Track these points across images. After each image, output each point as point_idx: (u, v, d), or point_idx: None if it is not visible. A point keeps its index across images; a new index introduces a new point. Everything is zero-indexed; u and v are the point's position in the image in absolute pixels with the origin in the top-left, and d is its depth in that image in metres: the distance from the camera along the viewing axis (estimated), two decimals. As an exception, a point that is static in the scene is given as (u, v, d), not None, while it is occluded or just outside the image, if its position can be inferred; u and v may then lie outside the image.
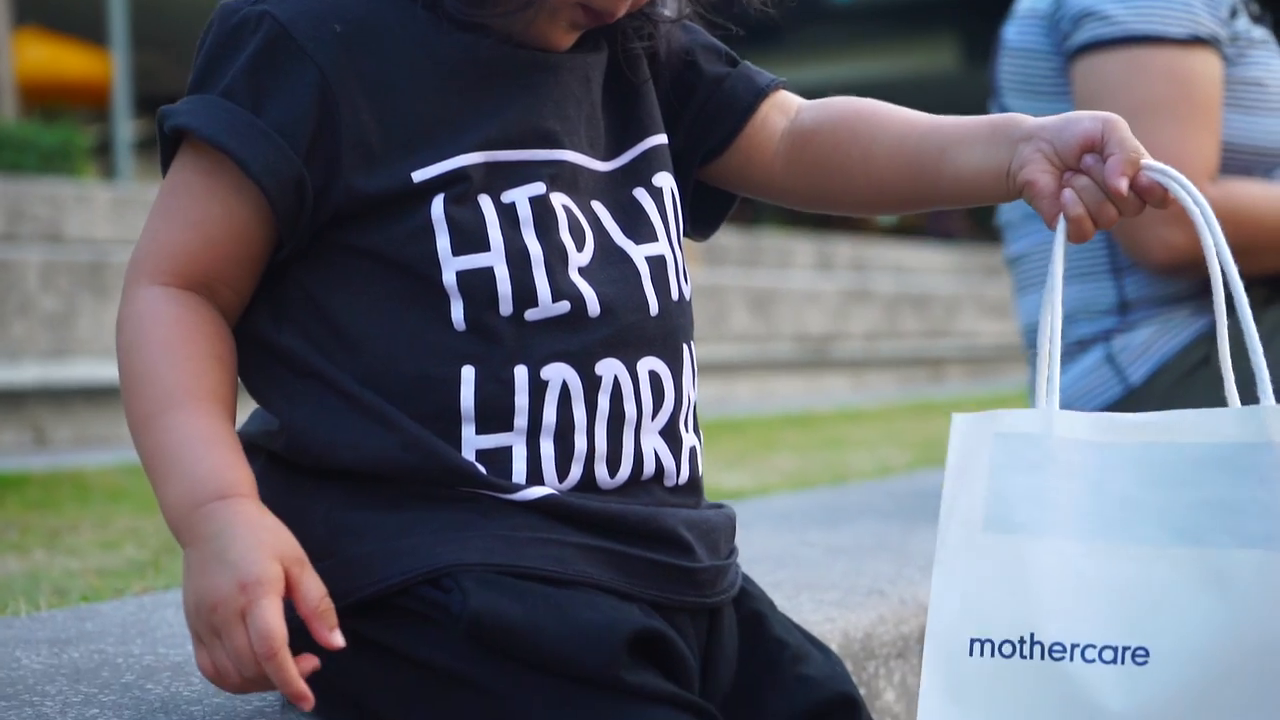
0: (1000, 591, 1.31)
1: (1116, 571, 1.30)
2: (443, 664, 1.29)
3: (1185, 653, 1.27)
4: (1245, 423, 1.30)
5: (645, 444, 1.36)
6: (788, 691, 1.41)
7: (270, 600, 1.20)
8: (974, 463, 1.33)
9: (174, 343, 1.31)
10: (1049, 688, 1.28)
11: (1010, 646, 1.30)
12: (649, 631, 1.30)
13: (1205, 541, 1.28)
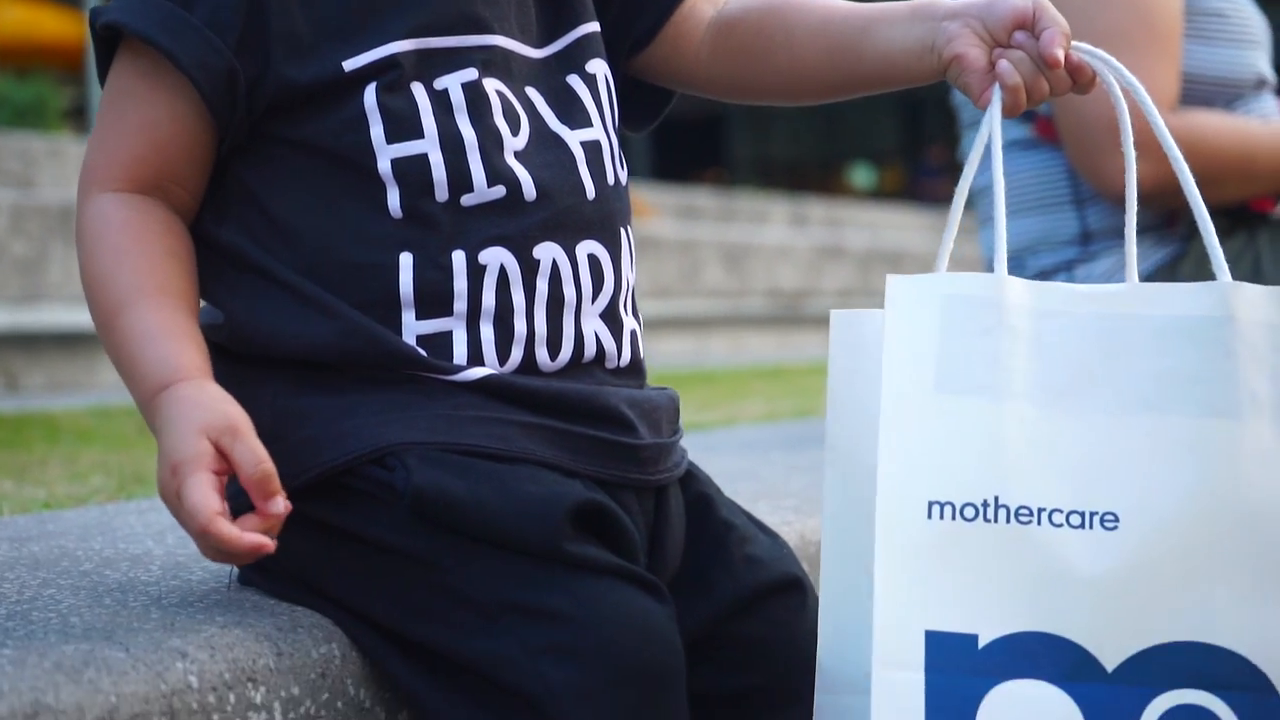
0: (959, 454, 1.29)
1: (1079, 437, 1.30)
2: (388, 541, 1.31)
3: (1154, 518, 1.28)
4: (1202, 298, 1.31)
5: (586, 327, 1.38)
6: (735, 572, 1.44)
7: (195, 478, 1.22)
8: (921, 323, 1.30)
9: (125, 245, 1.34)
10: (1015, 552, 1.28)
11: (973, 510, 1.28)
12: (591, 504, 1.32)
13: (1170, 410, 1.29)
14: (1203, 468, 1.29)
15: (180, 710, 1.18)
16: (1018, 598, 1.27)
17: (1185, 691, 1.27)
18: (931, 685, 1.26)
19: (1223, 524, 1.28)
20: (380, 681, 1.33)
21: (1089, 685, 1.27)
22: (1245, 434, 1.29)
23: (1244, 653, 1.27)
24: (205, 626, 1.26)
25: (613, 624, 1.27)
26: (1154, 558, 1.28)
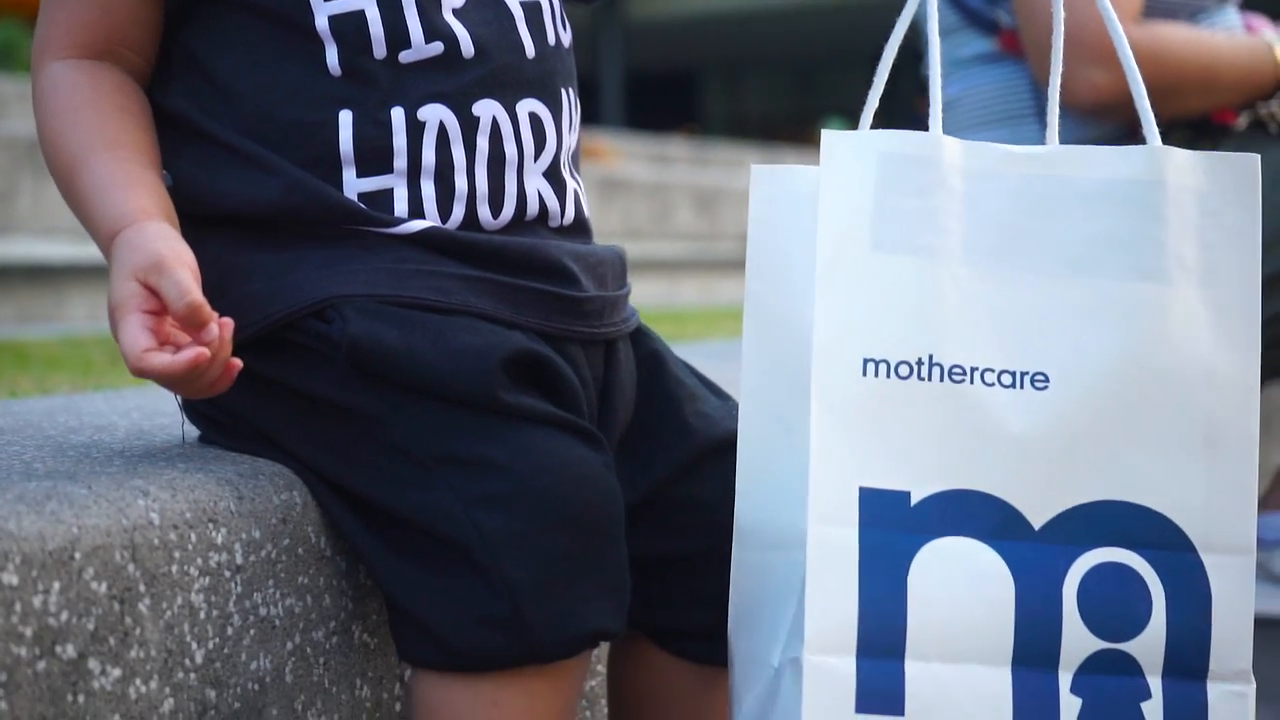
0: (894, 312, 1.30)
1: (1012, 297, 1.32)
2: (328, 395, 1.32)
3: (1082, 379, 1.30)
4: (1133, 161, 1.33)
5: (528, 185, 1.39)
6: (687, 427, 1.46)
7: (127, 320, 1.24)
8: (856, 181, 1.31)
9: (77, 104, 1.35)
10: (947, 410, 1.29)
11: (907, 368, 1.30)
12: (529, 354, 1.33)
13: (1100, 272, 1.32)
14: (1130, 331, 1.31)
15: (142, 545, 1.20)
16: (950, 456, 1.29)
17: (1108, 549, 1.30)
18: (865, 541, 1.27)
19: (1148, 386, 1.31)
20: (342, 533, 1.35)
21: (1016, 543, 1.29)
22: (1172, 298, 1.32)
23: (1164, 511, 1.30)
24: (167, 471, 1.28)
25: (547, 472, 1.29)
26: (1081, 418, 1.30)
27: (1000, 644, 1.28)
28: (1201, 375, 1.30)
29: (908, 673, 1.26)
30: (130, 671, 1.19)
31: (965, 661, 1.27)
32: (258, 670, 1.28)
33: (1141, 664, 1.28)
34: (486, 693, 1.29)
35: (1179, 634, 1.28)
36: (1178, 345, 1.31)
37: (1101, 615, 1.29)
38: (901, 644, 1.27)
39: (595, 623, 1.30)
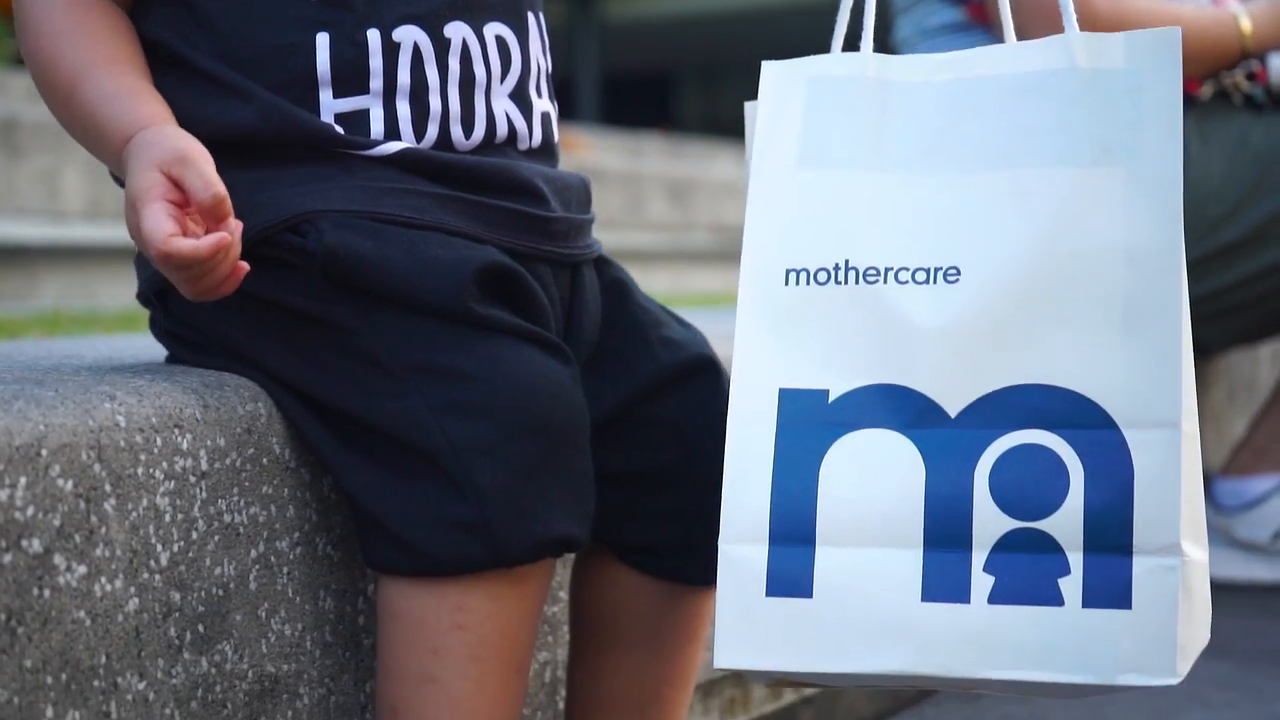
0: (816, 224, 1.35)
1: (928, 198, 1.35)
2: (301, 306, 1.34)
3: (992, 269, 1.33)
4: (1052, 50, 1.35)
5: (496, 106, 1.42)
6: (652, 352, 1.48)
7: (150, 208, 1.25)
8: (787, 106, 1.37)
9: (70, 26, 1.37)
10: (862, 309, 1.33)
11: (825, 274, 1.34)
12: (500, 268, 1.35)
13: (1012, 164, 1.34)
14: (1044, 216, 1.32)
15: (108, 447, 1.21)
16: (867, 354, 1.33)
17: (1024, 432, 1.31)
18: (781, 437, 1.32)
19: (1063, 270, 1.31)
20: (307, 445, 1.36)
21: (931, 430, 1.32)
22: (1088, 180, 1.33)
23: (1083, 391, 1.30)
24: (133, 380, 1.29)
25: (515, 382, 1.31)
26: (995, 307, 1.32)
27: (911, 527, 1.30)
28: (1120, 255, 1.30)
29: (817, 558, 1.31)
30: (96, 569, 1.20)
31: (875, 545, 1.31)
32: (222, 576, 1.29)
33: (1059, 541, 1.29)
34: (452, 598, 1.31)
35: (1099, 510, 1.28)
36: (1095, 227, 1.32)
37: (1014, 495, 1.30)
38: (812, 531, 1.31)
39: (560, 529, 1.32)
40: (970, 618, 1.29)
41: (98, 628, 1.20)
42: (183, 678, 1.26)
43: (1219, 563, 2.90)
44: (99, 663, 1.20)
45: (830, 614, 1.31)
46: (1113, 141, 1.32)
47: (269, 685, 1.33)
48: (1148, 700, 2.23)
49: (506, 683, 1.34)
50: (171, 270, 1.26)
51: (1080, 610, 1.28)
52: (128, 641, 1.22)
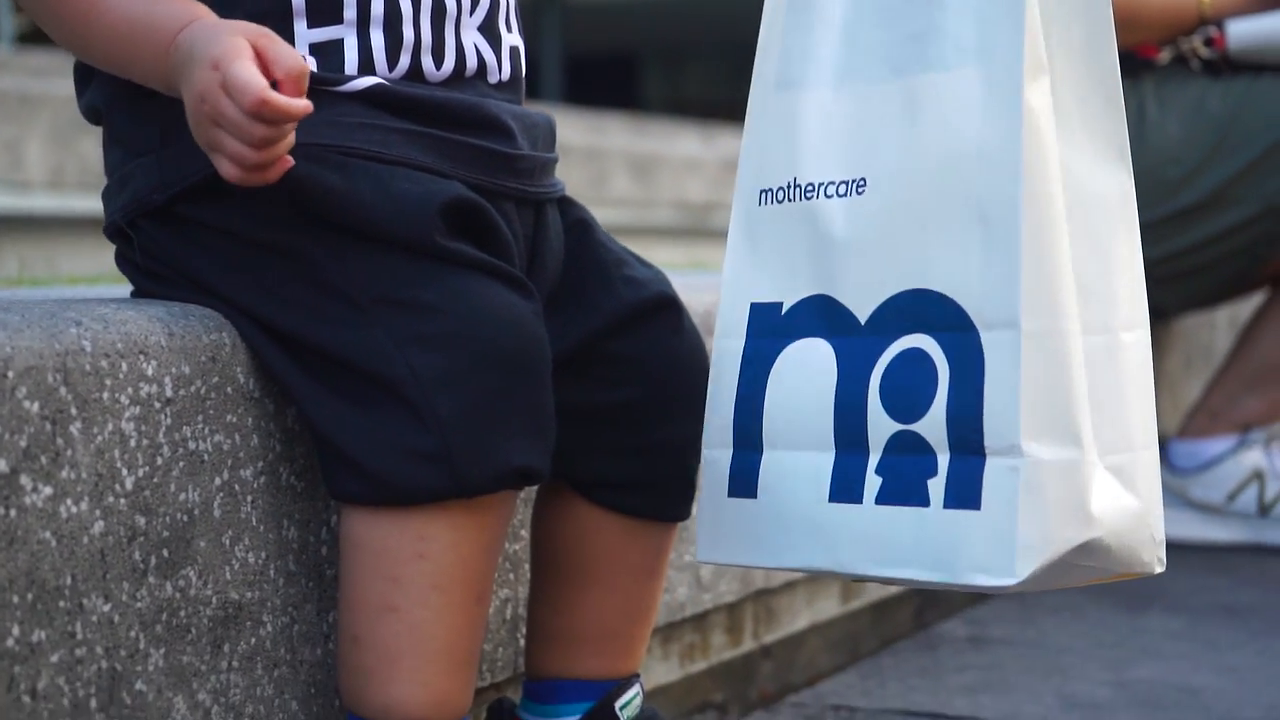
0: (779, 144, 1.44)
1: (851, 111, 1.41)
2: (266, 238, 1.36)
3: (888, 178, 1.38)
4: None
5: (465, 39, 1.43)
6: (614, 290, 1.49)
7: (239, 63, 1.26)
8: (774, 29, 1.45)
9: None
10: (802, 225, 1.42)
11: (782, 193, 1.44)
12: (466, 202, 1.37)
13: (904, 72, 1.38)
14: (926, 122, 1.37)
15: (74, 370, 1.23)
16: (806, 267, 1.42)
17: (910, 337, 1.36)
18: (747, 348, 1.45)
19: (934, 176, 1.36)
20: (271, 376, 1.38)
21: (846, 338, 1.39)
22: (951, 83, 1.36)
23: (950, 294, 1.34)
24: (99, 308, 1.30)
25: (478, 315, 1.32)
26: (888, 215, 1.38)
27: (825, 431, 1.39)
28: (974, 157, 1.33)
29: (762, 461, 1.43)
30: (61, 491, 1.21)
31: (799, 448, 1.41)
32: (186, 502, 1.31)
33: (930, 443, 1.33)
34: (413, 527, 1.32)
35: (958, 412, 1.32)
36: (956, 130, 1.35)
37: (898, 399, 1.35)
38: (759, 436, 1.43)
39: (522, 460, 1.33)
40: (862, 518, 1.37)
41: (63, 549, 1.21)
42: (147, 601, 1.27)
43: (1174, 523, 2.93)
44: (64, 583, 1.21)
45: (767, 513, 1.42)
46: (970, 41, 1.35)
47: (233, 612, 1.34)
48: (1101, 652, 2.26)
49: (467, 612, 1.35)
50: (251, 128, 1.25)
51: (942, 511, 1.33)
52: (93, 563, 1.23)
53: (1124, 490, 1.33)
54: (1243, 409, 2.91)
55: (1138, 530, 1.33)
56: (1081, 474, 1.29)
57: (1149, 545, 1.35)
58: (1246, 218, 2.80)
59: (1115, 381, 1.34)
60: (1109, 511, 1.31)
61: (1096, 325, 1.34)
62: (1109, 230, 1.36)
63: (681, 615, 1.89)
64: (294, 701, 1.40)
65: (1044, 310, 1.30)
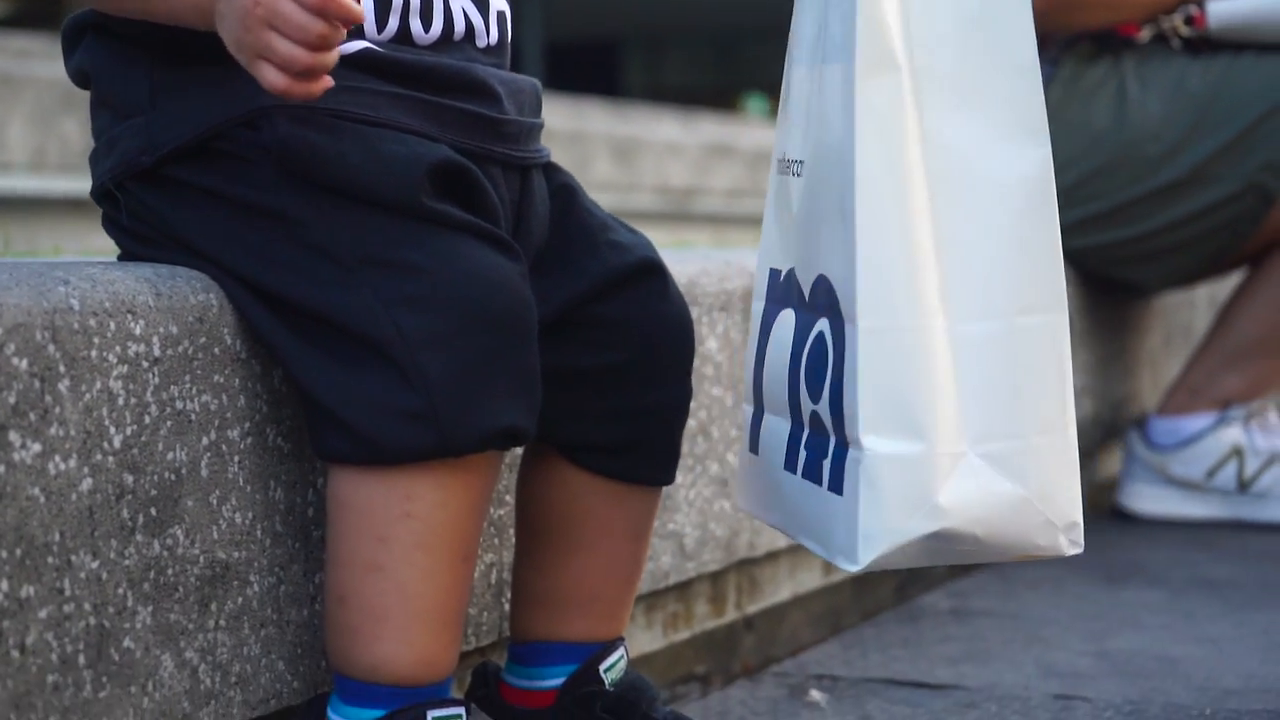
0: (784, 117, 1.50)
1: (807, 92, 1.46)
2: (254, 199, 1.36)
3: (810, 163, 1.44)
4: None
5: (454, 2, 1.44)
6: (599, 254, 1.50)
7: None
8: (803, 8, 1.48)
9: None
10: (783, 199, 1.49)
11: (783, 166, 1.50)
12: (452, 164, 1.37)
13: (820, 60, 1.43)
14: (823, 111, 1.41)
15: (63, 328, 1.23)
16: (784, 238, 1.49)
17: (822, 319, 1.41)
18: (764, 312, 1.53)
19: (824, 167, 1.41)
20: (258, 337, 1.38)
21: (800, 312, 1.45)
22: (832, 77, 1.40)
23: (836, 284, 1.38)
24: (86, 269, 1.31)
25: (465, 276, 1.33)
26: (811, 199, 1.43)
27: (784, 400, 1.47)
28: (836, 150, 1.38)
29: (762, 420, 1.52)
30: (50, 448, 1.22)
31: (776, 413, 1.49)
32: (174, 461, 1.31)
33: (828, 426, 1.39)
34: (400, 486, 1.33)
35: (836, 399, 1.38)
36: (830, 123, 1.40)
37: (810, 378, 1.42)
38: (761, 397, 1.52)
39: (508, 419, 1.34)
40: (793, 486, 1.44)
41: (52, 505, 1.22)
42: (135, 559, 1.28)
43: (1155, 500, 2.95)
44: (53, 540, 1.22)
45: (760, 470, 1.51)
46: (837, 37, 1.39)
47: (220, 571, 1.35)
48: (1081, 623, 2.27)
49: (453, 571, 1.36)
50: (311, 25, 1.25)
51: (826, 492, 1.39)
52: (81, 520, 1.24)
53: (1001, 478, 1.34)
54: (1222, 386, 2.93)
55: (1020, 517, 1.35)
56: (927, 467, 1.33)
57: (1044, 529, 1.36)
58: (1227, 195, 2.81)
59: (1003, 368, 1.35)
60: (971, 501, 1.34)
61: (979, 312, 1.35)
62: (1008, 211, 1.36)
63: (665, 584, 1.90)
64: (280, 662, 1.41)
65: (882, 307, 1.33)
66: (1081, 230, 2.85)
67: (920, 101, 1.35)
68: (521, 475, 1.57)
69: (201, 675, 1.34)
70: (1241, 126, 2.79)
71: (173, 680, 1.31)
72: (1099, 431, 3.03)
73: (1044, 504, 1.35)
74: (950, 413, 1.33)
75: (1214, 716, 1.85)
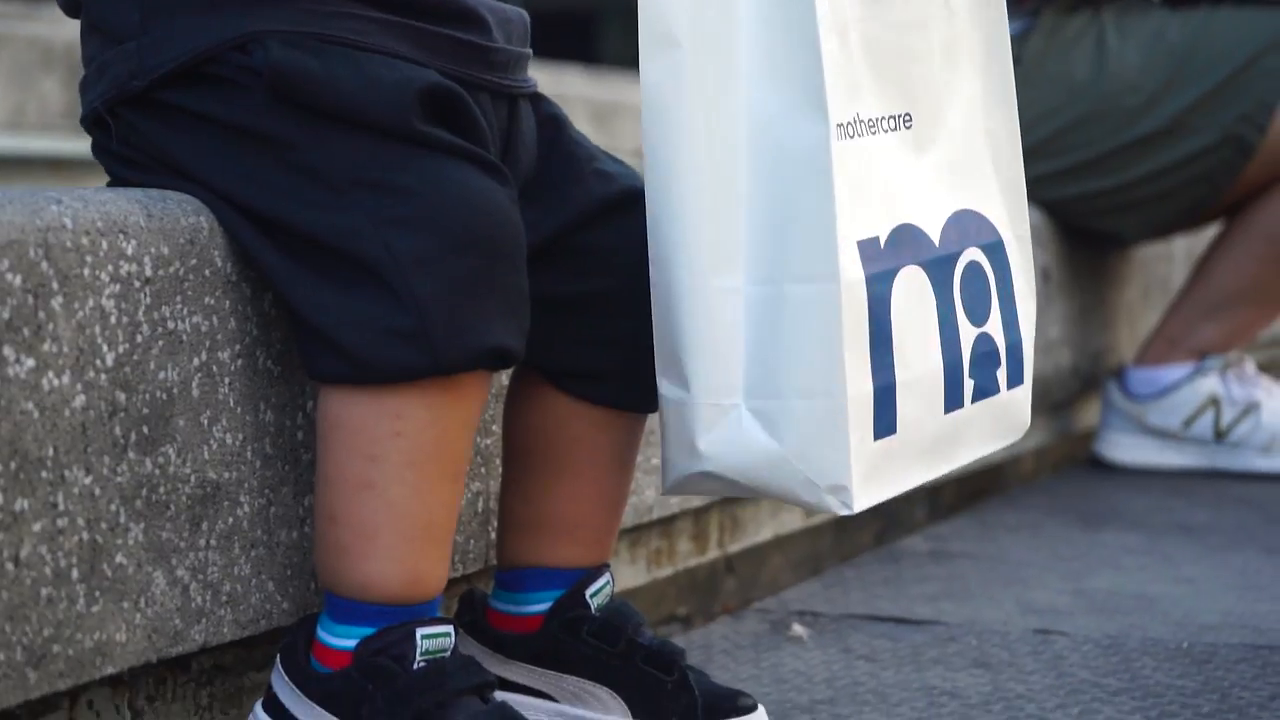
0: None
1: None
2: (246, 123, 1.37)
3: None
4: None
5: None
6: (586, 183, 1.52)
7: None
8: None
9: None
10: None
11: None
12: (443, 89, 1.39)
13: None
14: None
15: (55, 246, 1.24)
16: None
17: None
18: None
19: None
20: (248, 260, 1.39)
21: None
22: None
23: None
24: (78, 190, 1.32)
25: (455, 199, 1.34)
26: None
27: None
28: None
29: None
30: (44, 364, 1.23)
31: None
32: (165, 380, 1.33)
33: None
34: (390, 406, 1.34)
35: None
36: None
37: None
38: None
39: (497, 339, 1.35)
40: None
41: (45, 420, 1.23)
42: (128, 476, 1.29)
43: (1132, 449, 2.97)
44: (47, 454, 1.23)
45: None
46: None
47: (211, 491, 1.36)
48: (1059, 564, 2.30)
49: (442, 489, 1.38)
50: None
51: None
52: (74, 436, 1.25)
53: (763, 433, 1.41)
54: (1200, 336, 2.95)
55: (778, 471, 1.41)
56: (691, 414, 1.42)
57: (806, 486, 1.41)
58: (1204, 146, 2.83)
59: (773, 330, 1.40)
60: (728, 450, 1.42)
61: (762, 276, 1.40)
62: (794, 180, 1.39)
63: (649, 518, 1.91)
64: (270, 582, 1.42)
65: (664, 264, 1.42)
66: (1060, 181, 2.86)
67: (707, 76, 1.40)
68: (509, 403, 1.59)
69: (193, 593, 1.35)
70: (1220, 78, 2.81)
71: (164, 597, 1.32)
72: (1077, 382, 3.05)
73: (802, 463, 1.41)
74: (725, 366, 1.41)
75: (1191, 649, 1.87)
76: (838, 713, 1.67)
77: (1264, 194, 2.86)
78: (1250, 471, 2.92)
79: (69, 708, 1.34)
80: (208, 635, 1.37)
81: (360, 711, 1.36)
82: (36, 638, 1.22)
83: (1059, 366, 2.96)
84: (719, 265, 1.40)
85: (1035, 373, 2.81)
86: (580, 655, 1.55)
